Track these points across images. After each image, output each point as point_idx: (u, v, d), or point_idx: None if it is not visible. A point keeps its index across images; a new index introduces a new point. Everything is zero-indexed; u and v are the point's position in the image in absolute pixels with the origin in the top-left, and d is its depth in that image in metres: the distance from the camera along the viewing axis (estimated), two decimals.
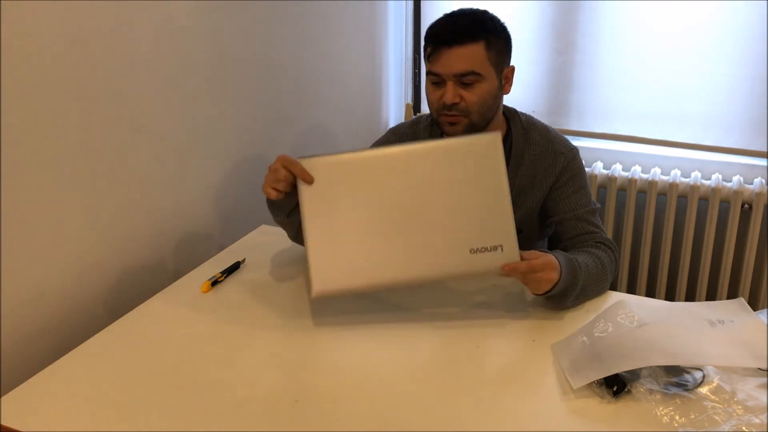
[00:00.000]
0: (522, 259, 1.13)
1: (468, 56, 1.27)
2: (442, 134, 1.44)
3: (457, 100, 1.29)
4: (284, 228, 1.36)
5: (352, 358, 1.11)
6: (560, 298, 1.21)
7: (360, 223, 1.13)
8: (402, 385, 1.04)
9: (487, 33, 1.28)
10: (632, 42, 2.11)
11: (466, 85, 1.29)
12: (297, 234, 1.36)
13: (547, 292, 1.18)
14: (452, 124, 1.33)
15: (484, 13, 1.31)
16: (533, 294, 1.20)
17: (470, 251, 1.12)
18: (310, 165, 1.14)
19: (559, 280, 1.16)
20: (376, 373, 1.07)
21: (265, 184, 1.19)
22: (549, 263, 1.16)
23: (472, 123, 1.32)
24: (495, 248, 1.11)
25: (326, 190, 1.13)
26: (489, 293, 1.29)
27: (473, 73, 1.27)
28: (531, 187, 1.41)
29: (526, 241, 1.48)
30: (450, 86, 1.28)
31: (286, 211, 1.29)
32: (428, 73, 1.32)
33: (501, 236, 1.11)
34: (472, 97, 1.29)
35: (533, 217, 1.44)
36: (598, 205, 1.41)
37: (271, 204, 1.30)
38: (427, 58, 1.31)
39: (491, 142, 1.10)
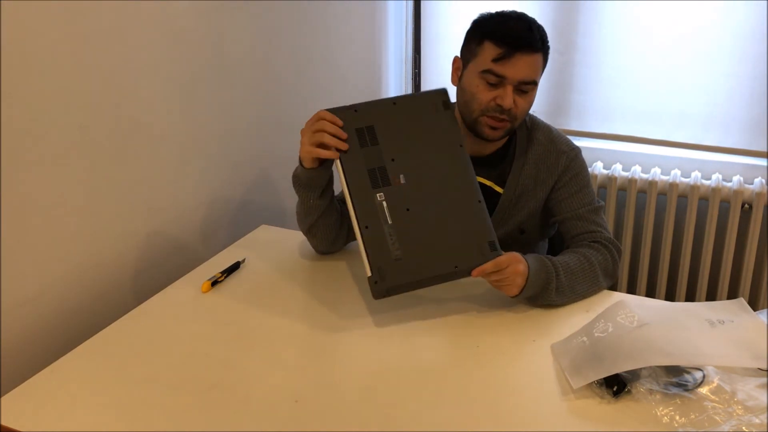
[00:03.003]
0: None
1: (535, 65, 1.28)
2: None
3: (512, 105, 1.29)
4: (307, 215, 1.34)
5: (352, 357, 1.11)
6: (542, 295, 1.21)
7: None
8: (402, 385, 1.04)
9: (545, 43, 1.30)
10: (632, 42, 2.11)
11: (521, 92, 1.29)
12: (314, 224, 1.34)
13: (522, 291, 1.18)
14: (494, 128, 1.32)
15: (533, 19, 1.31)
16: (511, 296, 1.20)
17: None
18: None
19: (528, 273, 1.18)
20: (375, 373, 1.07)
21: (307, 146, 1.20)
22: (512, 256, 1.18)
23: (513, 128, 1.34)
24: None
25: None
26: (489, 293, 1.29)
27: (534, 81, 1.29)
28: (534, 187, 1.41)
29: (528, 241, 1.48)
30: (509, 90, 1.27)
31: (322, 186, 1.28)
32: (487, 71, 1.27)
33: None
34: (524, 104, 1.30)
35: (535, 217, 1.44)
36: (602, 203, 1.41)
37: (307, 182, 1.27)
38: (494, 60, 1.26)
39: None
